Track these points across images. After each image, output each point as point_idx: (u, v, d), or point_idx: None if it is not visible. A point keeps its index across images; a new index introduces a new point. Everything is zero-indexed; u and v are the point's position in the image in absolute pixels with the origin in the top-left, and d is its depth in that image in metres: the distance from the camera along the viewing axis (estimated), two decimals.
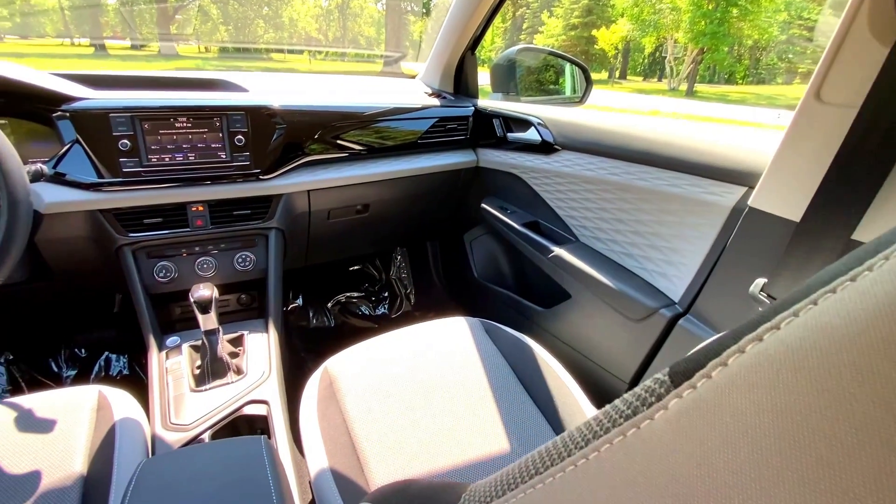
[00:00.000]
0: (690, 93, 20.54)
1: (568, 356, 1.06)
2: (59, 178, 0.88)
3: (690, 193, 0.80)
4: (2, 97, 0.86)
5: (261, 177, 1.02)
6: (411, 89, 1.38)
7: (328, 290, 1.74)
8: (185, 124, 0.94)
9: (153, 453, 0.76)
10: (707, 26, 18.66)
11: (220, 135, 0.97)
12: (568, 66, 1.54)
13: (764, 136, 0.80)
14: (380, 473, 0.65)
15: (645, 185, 0.88)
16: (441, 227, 1.66)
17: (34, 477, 0.62)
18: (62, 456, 0.65)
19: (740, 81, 26.28)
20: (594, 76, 1.42)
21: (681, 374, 0.14)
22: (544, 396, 0.79)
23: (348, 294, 1.77)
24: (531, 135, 1.14)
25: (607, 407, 0.17)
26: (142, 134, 0.91)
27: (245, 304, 1.14)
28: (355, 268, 1.83)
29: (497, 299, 1.38)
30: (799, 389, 0.11)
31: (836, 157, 0.56)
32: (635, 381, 0.94)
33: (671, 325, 0.85)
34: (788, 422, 0.11)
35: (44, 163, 0.86)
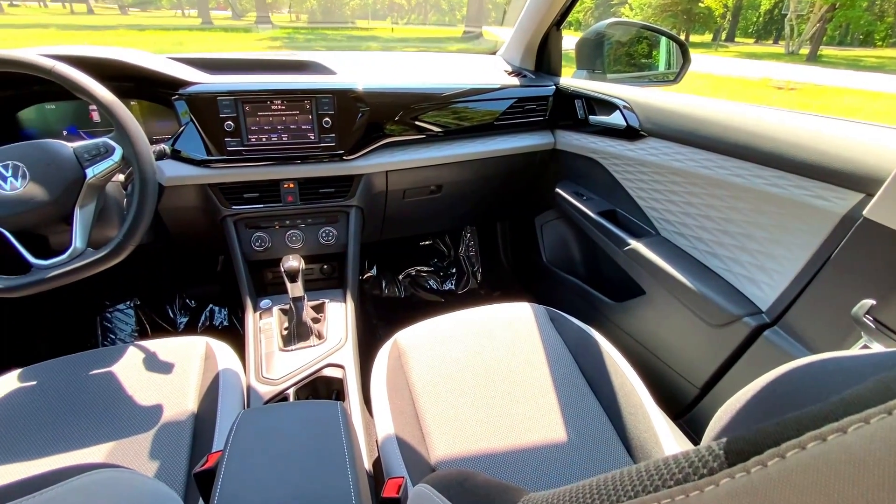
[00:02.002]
0: (813, 57, 17.72)
1: (636, 353, 1.03)
2: (176, 155, 1.00)
3: (794, 195, 0.73)
4: (132, 82, 0.98)
5: (344, 157, 1.08)
6: (491, 67, 1.36)
7: (400, 262, 1.82)
8: (280, 107, 1.01)
9: (247, 401, 0.87)
10: None
11: (310, 117, 1.03)
12: (663, 40, 1.42)
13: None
14: (440, 447, 0.70)
15: (740, 182, 0.81)
16: (512, 209, 1.65)
17: (158, 409, 0.75)
18: (179, 394, 0.77)
19: (879, 43, 22.18)
20: (696, 38, 1.30)
21: (735, 454, 0.14)
22: (607, 392, 0.78)
23: (418, 268, 1.84)
24: (615, 119, 1.08)
25: (659, 461, 0.18)
26: (243, 116, 1.00)
27: (326, 274, 1.24)
28: (426, 243, 1.89)
29: (564, 286, 1.36)
30: None
31: None
32: (708, 387, 0.90)
33: (755, 335, 0.79)
34: None
35: (164, 141, 0.98)
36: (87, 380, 0.79)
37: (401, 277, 1.81)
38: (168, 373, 0.82)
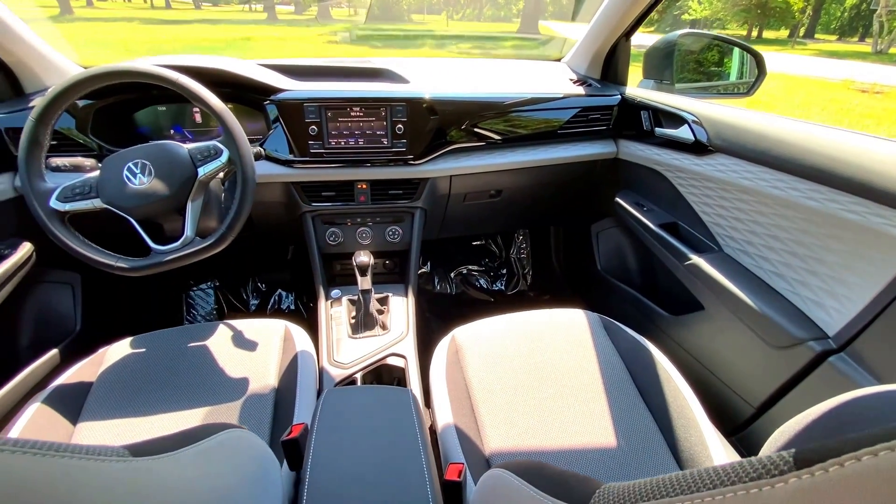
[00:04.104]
0: None
1: (689, 367, 1.04)
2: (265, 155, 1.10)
3: (871, 224, 0.71)
4: (231, 88, 1.09)
5: (413, 162, 1.15)
6: (555, 75, 1.38)
7: (452, 260, 1.89)
8: (358, 113, 1.10)
9: (320, 381, 0.96)
10: None
11: (385, 123, 1.11)
12: (736, 50, 1.38)
13: None
14: (494, 440, 0.75)
15: (814, 206, 0.80)
16: (568, 215, 1.66)
17: (245, 381, 0.85)
18: (262, 370, 0.87)
19: None
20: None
21: (802, 461, 0.18)
22: (659, 403, 0.80)
23: (469, 267, 1.90)
24: (683, 132, 1.08)
25: (734, 463, 0.22)
26: (325, 121, 1.09)
27: (389, 269, 1.33)
28: (478, 243, 1.94)
29: (618, 295, 1.37)
30: None
31: None
32: (764, 408, 0.90)
33: (819, 360, 0.78)
34: None
35: (254, 142, 1.09)
36: (185, 351, 0.91)
37: (452, 275, 1.87)
38: (253, 350, 0.92)
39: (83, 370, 0.88)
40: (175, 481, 0.34)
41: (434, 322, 1.67)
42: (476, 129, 1.20)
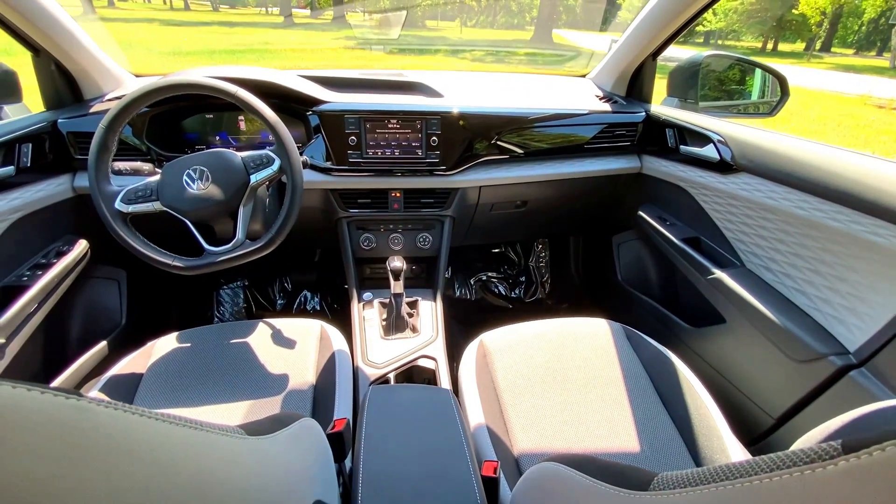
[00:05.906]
0: None
1: (712, 379, 1.07)
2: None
3: (894, 246, 0.75)
4: (277, 99, 1.15)
5: (445, 172, 1.21)
6: (581, 91, 1.42)
7: (472, 267, 1.93)
8: (395, 125, 1.15)
9: (355, 379, 1.00)
10: None
11: (420, 135, 1.16)
12: (759, 70, 1.42)
13: None
14: (522, 441, 0.79)
15: (837, 227, 0.83)
16: (589, 226, 1.70)
17: (285, 378, 0.90)
18: (300, 367, 0.92)
19: None
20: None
21: (850, 448, 0.23)
22: (681, 411, 0.84)
23: (489, 273, 1.94)
24: (708, 151, 1.12)
25: (788, 451, 0.26)
26: (364, 132, 1.14)
27: (416, 274, 1.38)
28: (497, 250, 1.98)
29: (638, 306, 1.41)
30: None
31: None
32: (784, 419, 0.93)
33: (839, 374, 0.81)
34: None
35: (300, 152, 1.15)
36: (228, 346, 0.96)
37: (472, 281, 1.92)
38: (291, 348, 0.97)
39: (134, 362, 0.93)
40: (276, 458, 0.39)
41: (454, 326, 1.71)
42: (505, 143, 1.25)
